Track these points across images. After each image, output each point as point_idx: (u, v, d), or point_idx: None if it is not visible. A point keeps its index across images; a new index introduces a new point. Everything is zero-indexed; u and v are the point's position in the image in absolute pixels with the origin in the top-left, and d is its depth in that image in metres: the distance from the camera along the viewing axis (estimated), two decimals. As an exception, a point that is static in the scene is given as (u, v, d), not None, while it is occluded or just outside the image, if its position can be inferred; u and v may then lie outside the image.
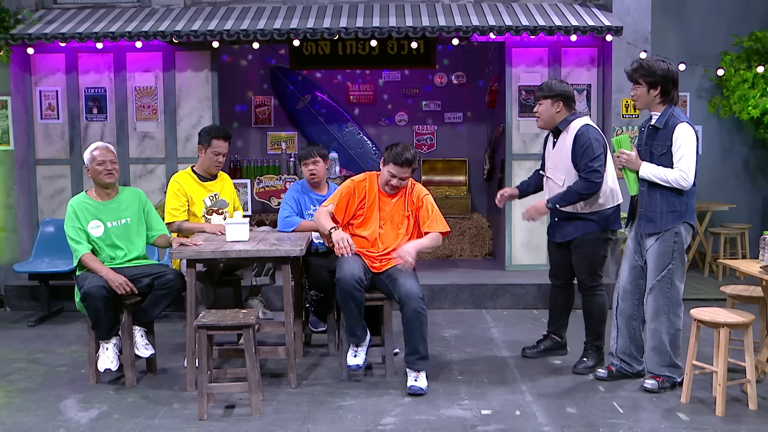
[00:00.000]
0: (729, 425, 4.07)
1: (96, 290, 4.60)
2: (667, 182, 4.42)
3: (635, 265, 4.68)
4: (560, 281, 5.23)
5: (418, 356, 4.64)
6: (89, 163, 4.90)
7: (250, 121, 9.01)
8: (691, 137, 4.41)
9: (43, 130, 7.37)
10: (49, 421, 4.23)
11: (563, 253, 5.09)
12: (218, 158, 5.39)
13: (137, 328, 4.88)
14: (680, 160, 4.40)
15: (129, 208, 4.97)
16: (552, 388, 4.70)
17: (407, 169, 4.78)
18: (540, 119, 5.01)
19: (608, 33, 6.79)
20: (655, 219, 4.49)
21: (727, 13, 8.53)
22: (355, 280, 4.59)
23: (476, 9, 7.17)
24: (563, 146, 4.93)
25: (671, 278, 4.49)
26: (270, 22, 6.94)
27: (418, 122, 9.06)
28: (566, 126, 4.92)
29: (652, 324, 4.56)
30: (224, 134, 5.44)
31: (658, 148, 4.47)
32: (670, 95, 4.52)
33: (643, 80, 4.52)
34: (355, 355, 4.75)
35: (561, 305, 5.29)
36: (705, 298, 6.76)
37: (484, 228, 8.41)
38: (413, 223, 4.92)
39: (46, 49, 7.18)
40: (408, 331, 4.67)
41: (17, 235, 7.20)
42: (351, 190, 4.90)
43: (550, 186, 5.05)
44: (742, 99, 7.98)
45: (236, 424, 4.17)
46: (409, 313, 4.63)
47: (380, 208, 4.89)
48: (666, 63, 4.54)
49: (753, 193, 8.72)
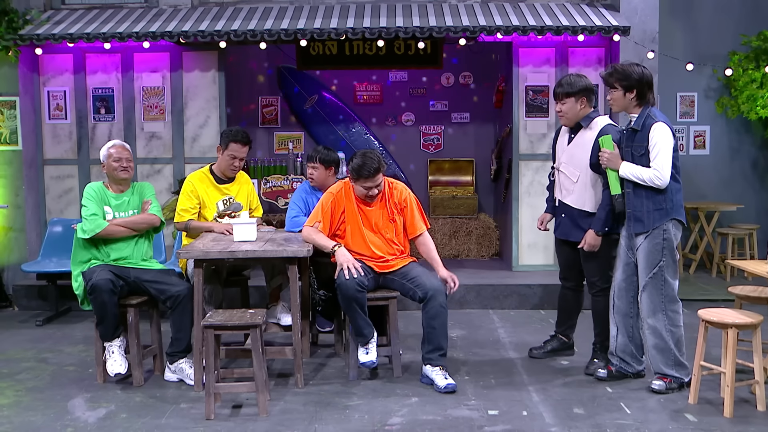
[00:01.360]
0: (737, 426, 4.06)
1: (104, 283, 4.61)
2: (643, 181, 4.47)
3: (628, 262, 4.69)
4: (571, 283, 5.21)
5: (441, 352, 4.72)
6: (105, 159, 4.96)
7: (257, 121, 9.02)
8: (666, 136, 4.45)
9: (51, 130, 7.40)
10: (57, 421, 4.25)
11: (574, 255, 5.05)
12: (234, 162, 5.26)
13: (183, 361, 4.85)
14: (655, 159, 4.45)
15: (136, 202, 5.03)
16: (559, 388, 4.69)
17: (378, 176, 4.76)
18: (565, 117, 4.92)
19: (616, 33, 6.77)
20: (643, 218, 4.52)
21: (735, 12, 8.50)
22: (356, 282, 4.61)
23: (483, 9, 7.16)
24: (583, 142, 4.87)
25: (663, 275, 4.51)
26: (277, 23, 6.94)
27: (425, 122, 9.06)
28: (588, 123, 4.88)
29: (650, 321, 4.56)
30: (242, 138, 5.26)
31: (638, 149, 4.53)
32: (645, 98, 4.58)
33: (619, 84, 4.59)
34: (367, 352, 4.76)
35: (571, 307, 5.28)
36: (713, 298, 6.74)
37: (491, 228, 8.39)
38: (401, 224, 4.95)
39: (54, 50, 7.21)
40: (432, 327, 4.71)
41: (25, 235, 7.23)
42: (333, 203, 4.88)
43: (562, 180, 5.01)
44: (750, 99, 7.95)
45: (243, 423, 4.17)
46: (435, 308, 4.69)
47: (362, 215, 4.89)
48: (640, 67, 4.61)
49: (761, 194, 8.69)
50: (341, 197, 4.90)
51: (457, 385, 4.65)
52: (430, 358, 4.72)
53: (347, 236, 4.90)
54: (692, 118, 8.64)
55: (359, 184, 4.78)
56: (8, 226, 7.21)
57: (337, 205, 4.88)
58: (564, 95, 4.87)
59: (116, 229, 4.87)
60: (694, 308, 4.58)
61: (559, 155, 5.07)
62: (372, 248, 4.86)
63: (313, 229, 4.88)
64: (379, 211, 4.90)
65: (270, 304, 5.45)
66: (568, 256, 5.12)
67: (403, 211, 4.94)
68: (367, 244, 4.87)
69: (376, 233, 4.89)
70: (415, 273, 4.83)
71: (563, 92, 4.87)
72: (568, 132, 5.02)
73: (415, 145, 9.03)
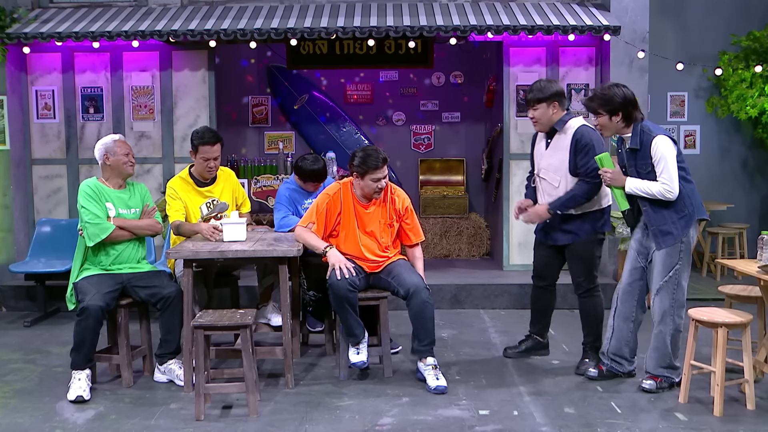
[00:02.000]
0: (727, 425, 4.06)
1: (95, 310, 4.50)
2: (653, 195, 4.43)
3: (637, 267, 4.67)
4: (545, 282, 5.19)
5: (428, 341, 4.74)
6: (109, 153, 4.82)
7: (248, 120, 9.00)
8: (667, 147, 4.40)
9: (39, 129, 7.35)
10: (46, 422, 4.21)
11: (554, 255, 5.07)
12: (208, 164, 5.14)
13: (173, 362, 4.82)
14: (662, 173, 4.40)
15: (136, 200, 4.96)
16: (550, 388, 4.69)
17: (385, 167, 4.77)
18: (538, 123, 4.91)
19: (606, 32, 6.78)
20: (672, 230, 4.45)
21: (725, 12, 8.54)
22: (348, 282, 4.60)
23: (474, 8, 7.15)
24: (560, 147, 4.87)
25: (678, 279, 4.48)
26: (267, 22, 6.92)
27: (415, 122, 9.05)
28: (562, 126, 4.86)
29: (659, 327, 4.55)
30: (211, 139, 5.10)
31: (643, 167, 4.48)
32: (632, 117, 4.52)
33: (602, 109, 4.54)
34: (358, 352, 4.74)
35: (544, 306, 5.26)
36: (703, 297, 6.76)
37: (481, 228, 8.40)
38: (395, 230, 4.96)
39: (42, 49, 7.16)
40: (417, 323, 4.72)
41: (13, 235, 7.18)
42: (328, 205, 4.85)
43: (544, 187, 4.99)
44: (740, 99, 7.98)
45: (233, 424, 4.15)
46: (418, 305, 4.69)
47: (358, 218, 4.87)
48: (620, 88, 4.53)
49: (751, 193, 8.73)
50: (338, 199, 4.86)
51: (447, 387, 4.64)
52: (419, 350, 4.74)
53: (340, 237, 4.88)
54: (682, 117, 8.66)
55: (368, 178, 4.73)
56: (-4, 226, 7.17)
57: (333, 206, 4.85)
58: (535, 101, 4.83)
59: (121, 233, 4.79)
60: (684, 308, 4.58)
61: (538, 161, 5.05)
62: (363, 251, 4.85)
63: (305, 229, 4.86)
64: (377, 214, 4.88)
65: (260, 305, 5.42)
66: (548, 257, 5.10)
67: (401, 219, 4.95)
68: (359, 247, 4.85)
69: (370, 236, 4.88)
70: (397, 271, 4.81)
71: (534, 98, 4.84)
72: (545, 137, 5.00)
73: (406, 145, 9.02)
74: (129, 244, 4.88)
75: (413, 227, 5.01)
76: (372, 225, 4.87)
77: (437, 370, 4.70)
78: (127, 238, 4.85)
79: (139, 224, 4.89)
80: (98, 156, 4.87)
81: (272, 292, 5.39)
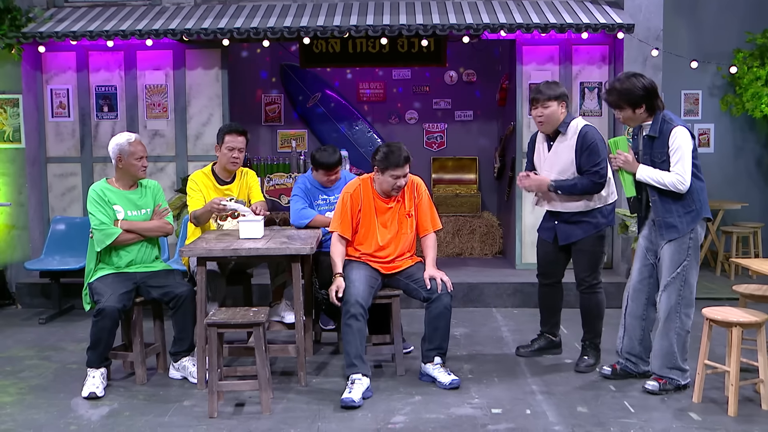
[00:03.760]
0: (741, 425, 4.04)
1: (111, 311, 4.53)
2: (664, 185, 4.39)
3: (646, 264, 4.65)
4: (551, 280, 5.18)
5: (441, 351, 4.74)
6: (123, 155, 4.82)
7: (260, 119, 9.02)
8: (686, 140, 4.36)
9: (54, 128, 7.40)
10: (60, 418, 4.25)
11: (559, 253, 5.06)
12: (232, 153, 5.19)
13: (187, 359, 4.85)
14: (677, 164, 4.36)
15: (147, 200, 4.96)
16: (562, 387, 4.68)
17: (407, 166, 4.75)
18: (545, 123, 4.85)
19: (620, 30, 6.75)
20: (676, 224, 4.42)
21: (740, 9, 8.47)
22: (360, 305, 4.55)
23: (487, 6, 7.14)
24: (564, 148, 4.85)
25: (685, 276, 4.45)
26: (280, 20, 6.94)
27: (428, 120, 9.05)
28: (566, 127, 4.85)
29: (665, 324, 4.51)
30: (237, 129, 5.23)
31: (659, 156, 4.43)
32: (655, 107, 4.46)
33: (625, 103, 4.46)
34: (350, 391, 4.38)
35: (552, 304, 5.26)
36: (717, 297, 6.72)
37: (494, 226, 8.38)
38: (414, 221, 4.91)
39: (57, 48, 7.21)
40: (434, 327, 4.72)
41: (28, 233, 7.23)
42: (348, 204, 4.83)
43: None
44: (755, 97, 7.92)
45: (246, 422, 4.17)
46: (439, 309, 4.69)
47: (378, 214, 4.86)
48: (638, 78, 4.46)
49: (766, 192, 8.66)
50: (358, 195, 4.85)
51: (461, 380, 4.64)
52: (430, 356, 4.72)
53: (360, 234, 4.86)
54: (696, 116, 8.61)
55: (388, 174, 4.71)
56: (11, 224, 7.22)
57: (353, 203, 4.83)
58: (546, 99, 4.78)
59: (128, 237, 4.80)
60: (698, 307, 4.55)
61: (539, 163, 5.02)
62: (381, 249, 4.83)
63: (339, 240, 4.81)
64: (395, 208, 4.86)
65: (273, 302, 5.44)
66: (553, 255, 5.09)
67: (418, 204, 4.89)
68: (377, 242, 4.84)
69: (389, 230, 4.86)
70: (421, 274, 4.80)
71: (545, 96, 4.79)
72: (545, 139, 4.97)
73: (419, 143, 9.01)
74: (140, 245, 4.89)
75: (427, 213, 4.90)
76: (392, 220, 4.85)
77: (446, 366, 4.71)
78: (135, 240, 4.86)
79: (148, 226, 4.89)
80: (112, 155, 4.88)
81: (285, 290, 5.40)
